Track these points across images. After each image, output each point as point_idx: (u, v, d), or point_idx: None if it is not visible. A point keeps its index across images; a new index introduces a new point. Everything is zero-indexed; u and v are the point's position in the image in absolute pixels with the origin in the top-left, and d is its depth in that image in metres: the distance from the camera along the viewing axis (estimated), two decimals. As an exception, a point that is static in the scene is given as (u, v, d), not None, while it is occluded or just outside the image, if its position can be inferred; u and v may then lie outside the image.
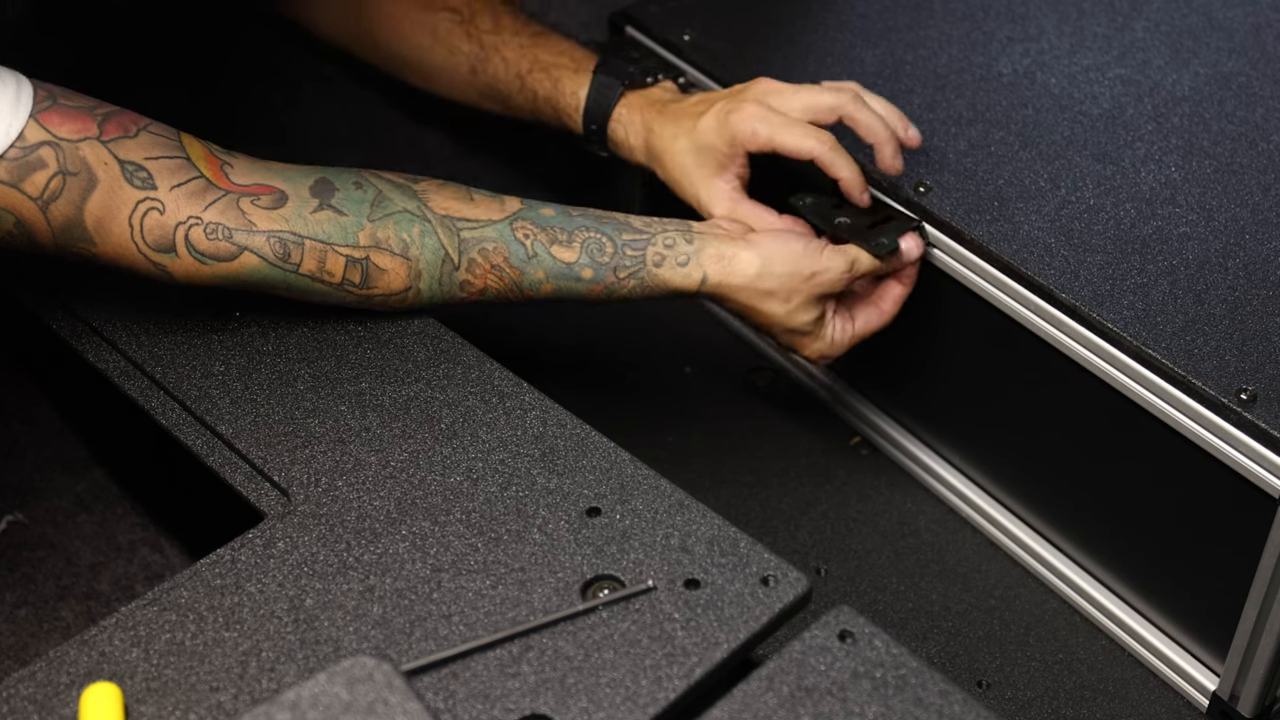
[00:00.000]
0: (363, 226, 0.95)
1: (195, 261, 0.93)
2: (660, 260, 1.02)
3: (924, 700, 0.77)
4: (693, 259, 1.02)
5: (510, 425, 0.94)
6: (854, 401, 1.32)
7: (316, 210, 0.94)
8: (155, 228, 0.91)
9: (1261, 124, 1.17)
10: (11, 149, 0.87)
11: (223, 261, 0.93)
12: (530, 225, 1.00)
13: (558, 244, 1.00)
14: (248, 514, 0.93)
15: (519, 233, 0.99)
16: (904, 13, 1.29)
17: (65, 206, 0.89)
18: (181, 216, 0.92)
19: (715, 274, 1.03)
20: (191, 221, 0.92)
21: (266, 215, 0.93)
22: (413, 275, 0.97)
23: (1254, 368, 0.97)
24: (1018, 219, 1.09)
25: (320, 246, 0.94)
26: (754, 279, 1.03)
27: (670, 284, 1.03)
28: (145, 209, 0.91)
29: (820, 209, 1.10)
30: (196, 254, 0.92)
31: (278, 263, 0.93)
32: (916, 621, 1.18)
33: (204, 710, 0.78)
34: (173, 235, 0.92)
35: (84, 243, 0.91)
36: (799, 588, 0.83)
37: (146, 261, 0.93)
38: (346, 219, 0.95)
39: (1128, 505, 1.10)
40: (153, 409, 0.97)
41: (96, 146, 0.90)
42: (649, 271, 1.02)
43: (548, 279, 1.00)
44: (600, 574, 0.84)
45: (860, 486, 1.29)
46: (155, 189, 0.91)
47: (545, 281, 1.00)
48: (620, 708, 0.77)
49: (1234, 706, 1.07)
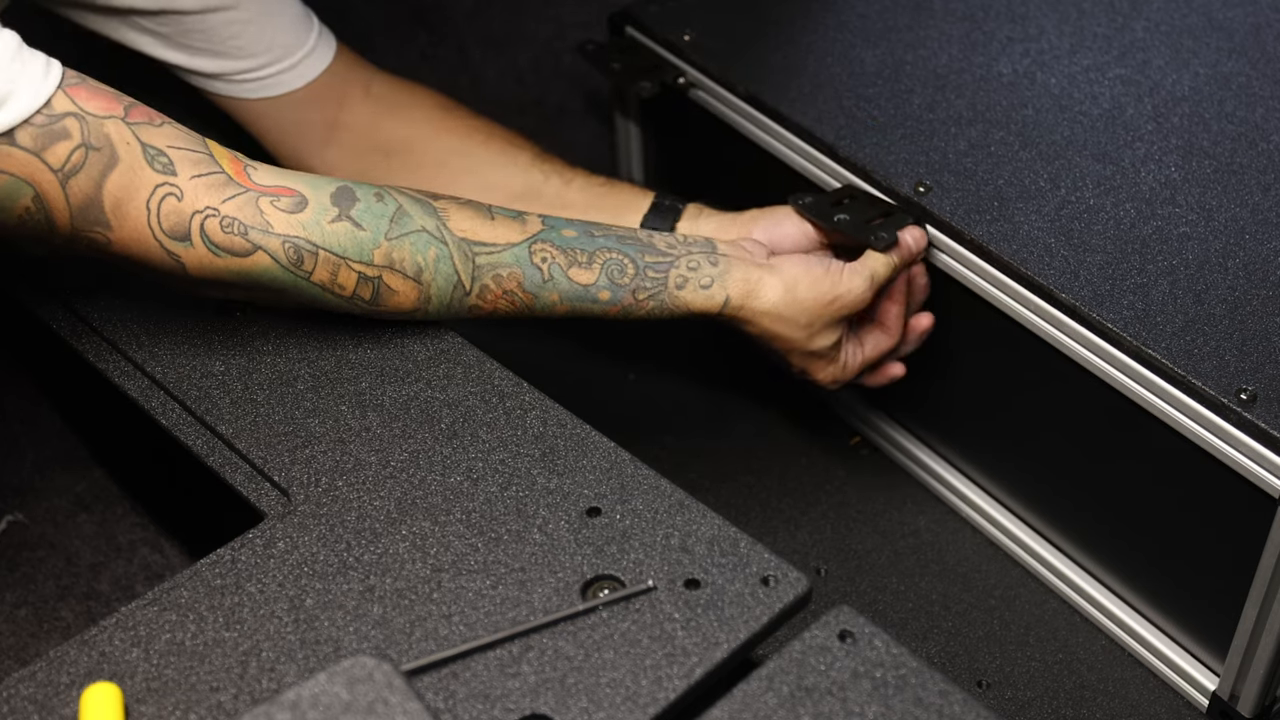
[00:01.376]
0: (379, 244, 0.94)
1: (209, 253, 0.91)
2: (683, 283, 1.01)
3: (924, 700, 0.77)
4: (716, 281, 1.02)
5: (510, 425, 0.94)
6: (854, 401, 1.32)
7: (335, 220, 0.93)
8: (172, 214, 0.90)
9: (1261, 124, 1.17)
10: (38, 114, 0.86)
11: (236, 256, 0.92)
12: (550, 247, 0.99)
13: (576, 265, 0.99)
14: (248, 514, 0.93)
15: (536, 256, 0.98)
16: (904, 13, 1.29)
17: (85, 182, 0.88)
18: (199, 205, 0.90)
19: (738, 297, 1.02)
20: (209, 212, 0.91)
21: (284, 218, 0.92)
22: (423, 299, 0.97)
23: (1254, 368, 0.97)
24: (1018, 219, 1.09)
25: (335, 259, 0.93)
26: (777, 304, 1.03)
27: (691, 306, 1.02)
28: (164, 194, 0.90)
29: (819, 207, 1.10)
30: (211, 245, 0.91)
31: (290, 267, 0.93)
32: (916, 621, 1.18)
33: (204, 710, 0.78)
34: (189, 223, 0.90)
35: (100, 226, 0.90)
36: (799, 588, 0.83)
37: (160, 249, 0.91)
38: (364, 234, 0.94)
39: (1128, 505, 1.10)
40: (153, 409, 0.97)
41: (121, 126, 0.89)
42: (670, 294, 1.01)
43: (562, 301, 0.99)
44: (600, 574, 0.84)
45: (860, 486, 1.29)
46: (175, 174, 0.90)
47: (560, 304, 0.99)
48: (620, 708, 0.77)
49: (1234, 706, 1.07)
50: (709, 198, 1.17)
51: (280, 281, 0.93)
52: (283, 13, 1.14)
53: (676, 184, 1.42)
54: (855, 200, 1.12)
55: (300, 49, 1.15)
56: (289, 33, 1.14)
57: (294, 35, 1.15)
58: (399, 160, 1.19)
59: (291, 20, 1.14)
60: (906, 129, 1.17)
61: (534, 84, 1.50)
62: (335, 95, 1.18)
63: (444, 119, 1.20)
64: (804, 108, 1.19)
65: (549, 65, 1.51)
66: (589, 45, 1.33)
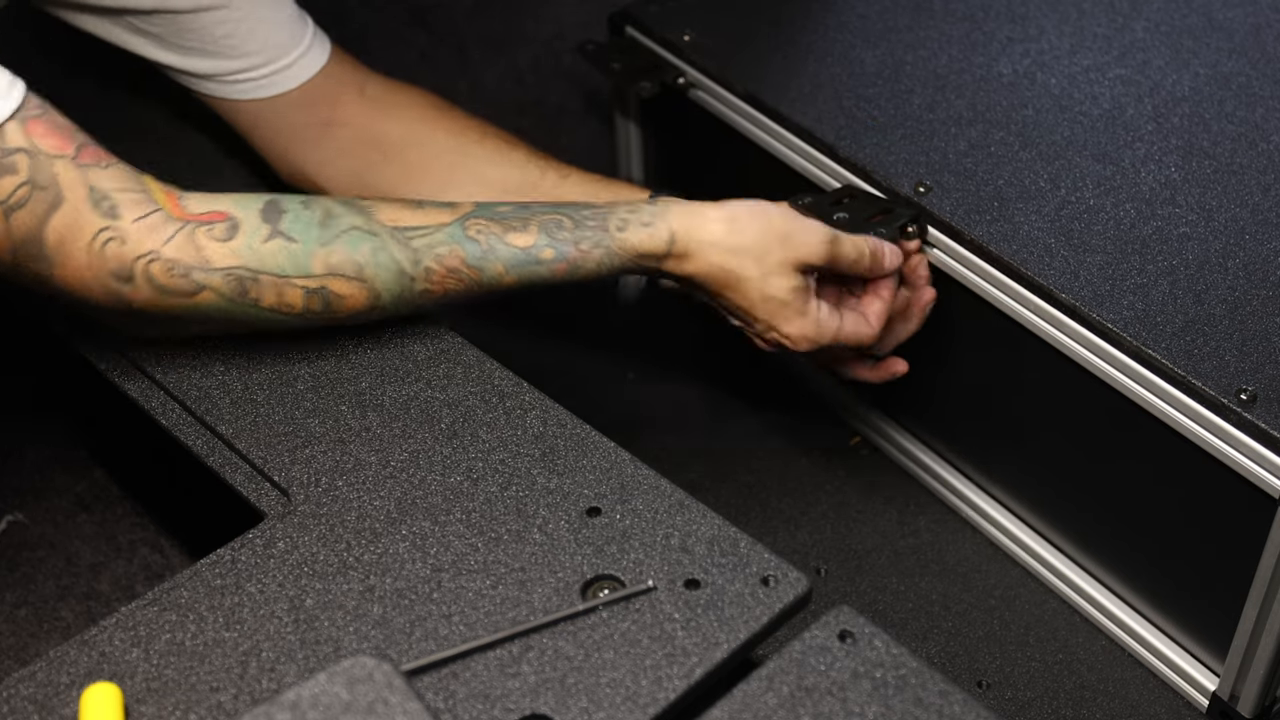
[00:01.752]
0: (314, 253, 0.94)
1: (156, 293, 0.92)
2: (624, 224, 0.99)
3: (924, 700, 0.77)
4: (658, 219, 1.00)
5: (510, 425, 0.94)
6: (854, 401, 1.32)
7: (268, 239, 0.93)
8: (114, 257, 0.91)
9: (1261, 124, 1.17)
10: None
11: (182, 296, 0.92)
12: (483, 220, 0.98)
13: (513, 231, 0.97)
14: (248, 514, 0.93)
15: (471, 230, 0.97)
16: (904, 13, 1.29)
17: (28, 218, 0.89)
18: (142, 250, 0.91)
19: (683, 230, 1.00)
20: (151, 256, 0.91)
21: (220, 249, 0.92)
22: (372, 295, 0.96)
23: (1254, 368, 0.97)
24: (1018, 219, 1.09)
25: (276, 280, 0.93)
26: (724, 235, 1.00)
27: (637, 248, 0.99)
28: (106, 238, 0.90)
29: (819, 207, 1.10)
30: (157, 286, 0.92)
31: (235, 298, 0.92)
32: (916, 621, 1.18)
33: (204, 710, 0.78)
34: (132, 266, 0.91)
35: (42, 261, 0.90)
36: (799, 588, 0.83)
37: (104, 289, 0.91)
38: (297, 245, 0.94)
39: (1128, 506, 1.10)
40: (153, 409, 0.97)
41: (70, 167, 0.90)
42: (613, 237, 0.99)
43: (507, 270, 0.98)
44: (600, 574, 0.84)
45: (860, 486, 1.29)
46: (118, 219, 0.90)
47: (506, 274, 0.98)
48: (620, 708, 0.77)
49: (1234, 706, 1.07)
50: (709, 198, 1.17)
51: (229, 313, 0.93)
52: (277, 13, 1.13)
53: (676, 184, 1.42)
54: (855, 200, 1.12)
55: (295, 49, 1.14)
56: (284, 33, 1.14)
57: (289, 35, 1.14)
58: (394, 159, 1.18)
59: (286, 20, 1.14)
60: (906, 129, 1.17)
61: (534, 84, 1.50)
62: (329, 96, 1.17)
63: (439, 118, 1.19)
64: (804, 108, 1.19)
65: (549, 65, 1.51)
66: (589, 45, 1.33)
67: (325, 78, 1.16)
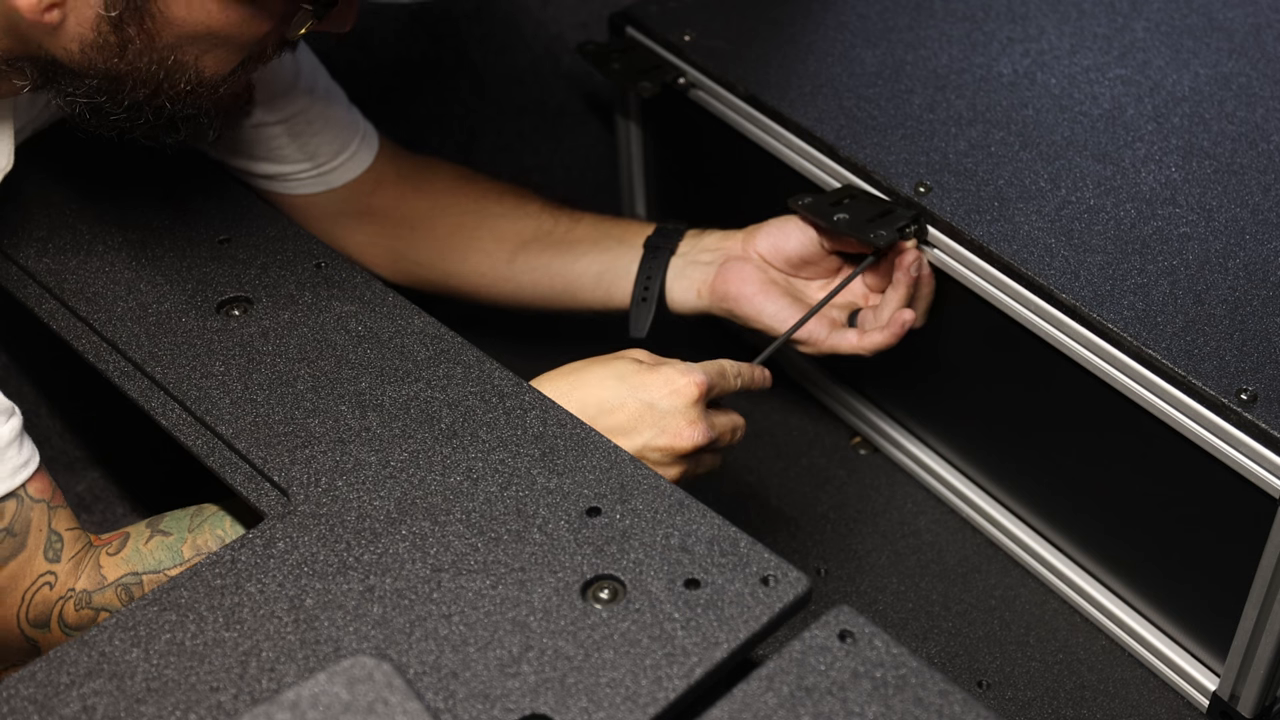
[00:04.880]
0: (185, 539, 0.96)
1: (62, 635, 0.94)
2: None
3: (924, 700, 0.77)
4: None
5: (510, 425, 0.94)
6: (854, 401, 1.32)
7: (149, 540, 0.96)
8: (41, 602, 0.93)
9: (1261, 124, 1.17)
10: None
11: (81, 630, 0.94)
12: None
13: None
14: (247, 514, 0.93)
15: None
16: (904, 13, 1.29)
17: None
18: (64, 590, 0.94)
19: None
20: (68, 594, 0.94)
21: (113, 563, 0.95)
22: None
23: (1254, 368, 0.98)
24: (1018, 219, 1.09)
25: (154, 577, 0.95)
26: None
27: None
28: (42, 583, 0.93)
29: (819, 207, 1.11)
30: (65, 627, 0.94)
31: (126, 605, 0.94)
32: (916, 621, 1.18)
33: (204, 710, 0.78)
34: (50, 610, 0.94)
35: None
36: (799, 588, 0.83)
37: (20, 635, 0.94)
38: (171, 538, 0.96)
39: (1128, 506, 1.10)
40: (153, 409, 0.97)
41: (44, 511, 0.93)
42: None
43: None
44: (600, 574, 0.84)
45: (860, 486, 1.29)
46: (60, 560, 0.93)
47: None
48: (620, 708, 0.77)
49: (1234, 706, 1.07)
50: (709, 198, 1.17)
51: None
52: (327, 125, 1.16)
53: (677, 184, 1.42)
54: (855, 200, 1.12)
55: (343, 154, 1.18)
56: (336, 141, 1.17)
57: (338, 142, 1.18)
58: (424, 232, 1.23)
59: (337, 130, 1.17)
60: (906, 129, 1.17)
61: (534, 85, 1.50)
62: (369, 185, 1.22)
63: (461, 186, 1.24)
64: (804, 108, 1.19)
65: (549, 66, 1.50)
66: (589, 45, 1.33)
67: (369, 171, 1.21)
